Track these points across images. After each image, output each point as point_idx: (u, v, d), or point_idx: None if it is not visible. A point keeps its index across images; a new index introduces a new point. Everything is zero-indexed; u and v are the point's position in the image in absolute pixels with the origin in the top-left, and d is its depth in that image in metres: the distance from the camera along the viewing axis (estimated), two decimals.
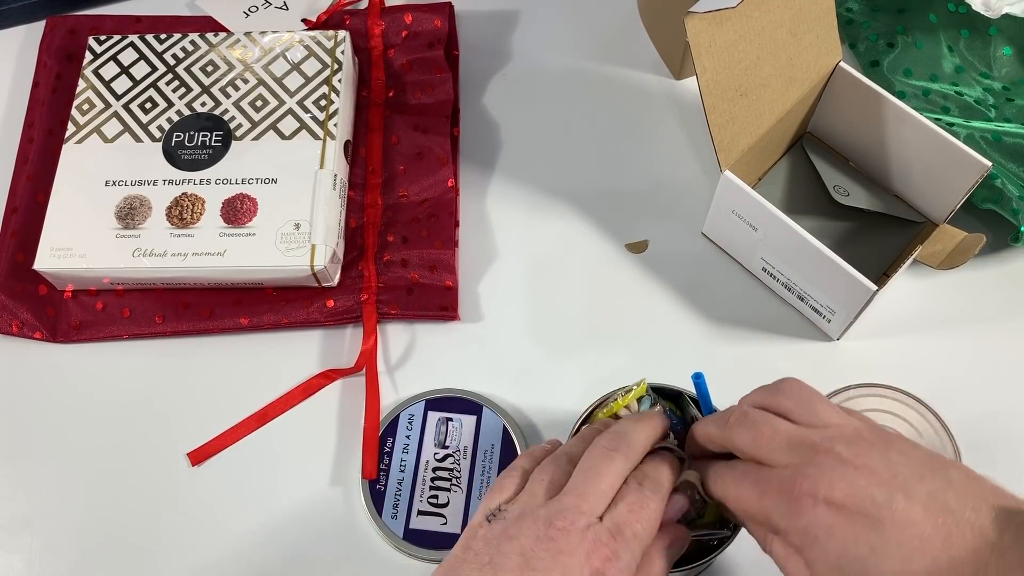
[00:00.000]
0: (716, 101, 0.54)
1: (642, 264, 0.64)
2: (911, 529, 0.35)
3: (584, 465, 0.43)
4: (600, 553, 0.39)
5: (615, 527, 0.40)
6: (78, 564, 0.55)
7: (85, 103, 0.66)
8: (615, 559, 0.39)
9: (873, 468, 0.37)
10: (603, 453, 0.43)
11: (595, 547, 0.39)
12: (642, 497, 0.42)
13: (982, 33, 0.68)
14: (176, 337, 0.62)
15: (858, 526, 0.36)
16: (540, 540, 0.39)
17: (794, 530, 0.38)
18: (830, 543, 0.36)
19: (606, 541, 0.40)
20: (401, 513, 0.55)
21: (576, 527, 0.40)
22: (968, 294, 0.62)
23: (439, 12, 0.71)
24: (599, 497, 0.41)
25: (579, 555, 0.39)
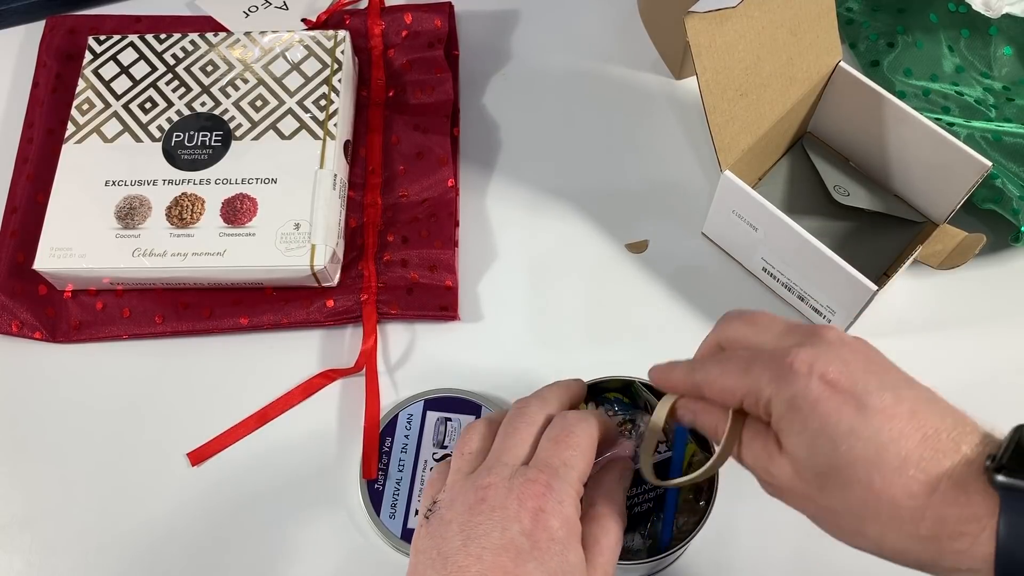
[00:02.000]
0: (716, 101, 0.54)
1: (642, 264, 0.64)
2: (892, 422, 0.35)
3: (502, 426, 0.42)
4: (531, 491, 0.38)
5: (542, 462, 0.40)
6: (78, 564, 0.55)
7: (85, 103, 0.66)
8: (549, 491, 0.38)
9: (869, 358, 0.38)
10: (516, 410, 0.43)
11: (525, 488, 0.38)
12: (566, 428, 0.41)
13: (982, 33, 0.68)
14: (176, 337, 0.62)
15: (844, 405, 0.36)
16: (472, 508, 0.39)
17: (779, 398, 0.37)
18: (812, 415, 0.36)
19: (534, 478, 0.39)
20: (399, 513, 0.55)
21: (500, 477, 0.39)
22: (968, 294, 0.62)
23: (439, 12, 0.71)
24: (519, 445, 0.41)
25: (512, 503, 0.38)
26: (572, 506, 0.39)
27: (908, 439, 0.35)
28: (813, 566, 0.55)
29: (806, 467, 0.37)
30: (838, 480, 0.36)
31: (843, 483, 0.36)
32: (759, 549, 0.55)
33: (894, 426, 0.35)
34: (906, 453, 0.35)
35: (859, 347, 0.38)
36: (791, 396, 0.37)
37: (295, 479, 0.57)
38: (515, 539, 0.37)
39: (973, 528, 0.33)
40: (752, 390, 0.38)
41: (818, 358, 0.37)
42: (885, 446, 0.35)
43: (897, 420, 0.35)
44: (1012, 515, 0.33)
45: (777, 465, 0.38)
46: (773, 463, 0.38)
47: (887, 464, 0.35)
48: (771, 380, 0.37)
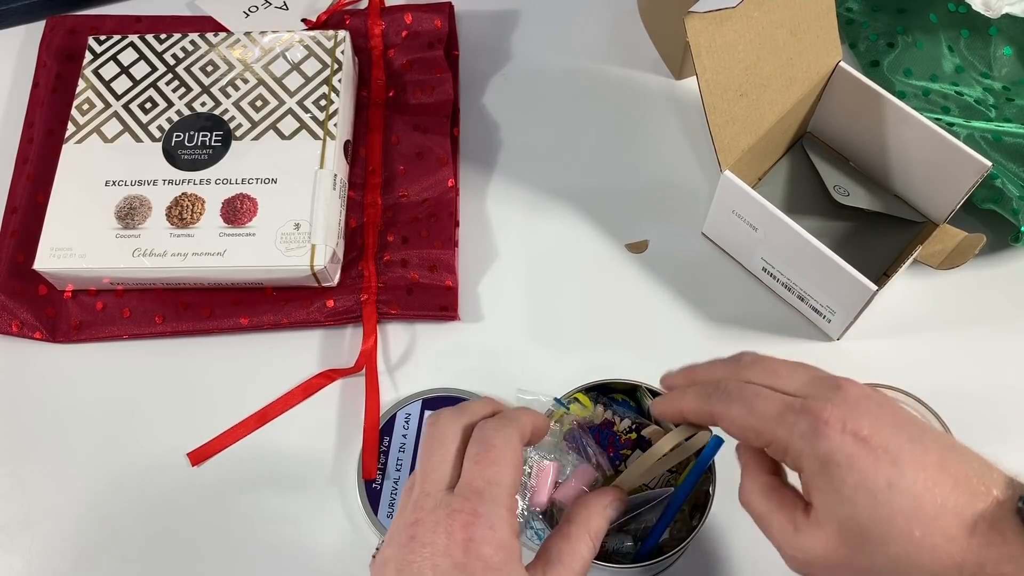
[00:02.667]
0: (716, 101, 0.54)
1: (642, 264, 0.64)
2: (925, 472, 0.36)
3: (420, 452, 0.41)
4: (458, 521, 0.37)
5: (465, 487, 0.38)
6: (78, 564, 0.55)
7: (85, 103, 0.66)
8: (476, 518, 0.37)
9: (894, 411, 0.38)
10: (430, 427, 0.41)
11: (451, 520, 0.37)
12: (483, 441, 0.39)
13: (982, 33, 0.68)
14: (176, 337, 0.62)
15: (880, 460, 0.36)
16: (404, 546, 0.37)
17: (813, 454, 0.37)
18: (850, 472, 0.36)
19: (459, 506, 0.37)
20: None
21: (425, 510, 0.37)
22: (968, 294, 0.62)
23: (439, 12, 0.71)
24: (437, 469, 0.39)
25: (440, 538, 0.36)
26: (506, 528, 0.37)
27: (942, 486, 0.35)
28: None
29: (844, 526, 0.37)
30: (878, 535, 0.36)
31: (883, 537, 0.36)
32: (757, 551, 0.55)
33: (928, 476, 0.36)
34: (942, 500, 0.35)
35: (882, 401, 0.38)
36: (827, 452, 0.37)
37: (295, 479, 0.57)
38: (447, 574, 0.36)
39: (1011, 568, 0.34)
40: (782, 440, 0.38)
41: (849, 414, 0.37)
42: (922, 496, 0.35)
43: (929, 470, 0.36)
44: None
45: (806, 535, 0.38)
46: (802, 534, 0.38)
47: (926, 513, 0.35)
48: (804, 435, 0.37)
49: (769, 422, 0.38)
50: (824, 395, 0.38)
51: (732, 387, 0.41)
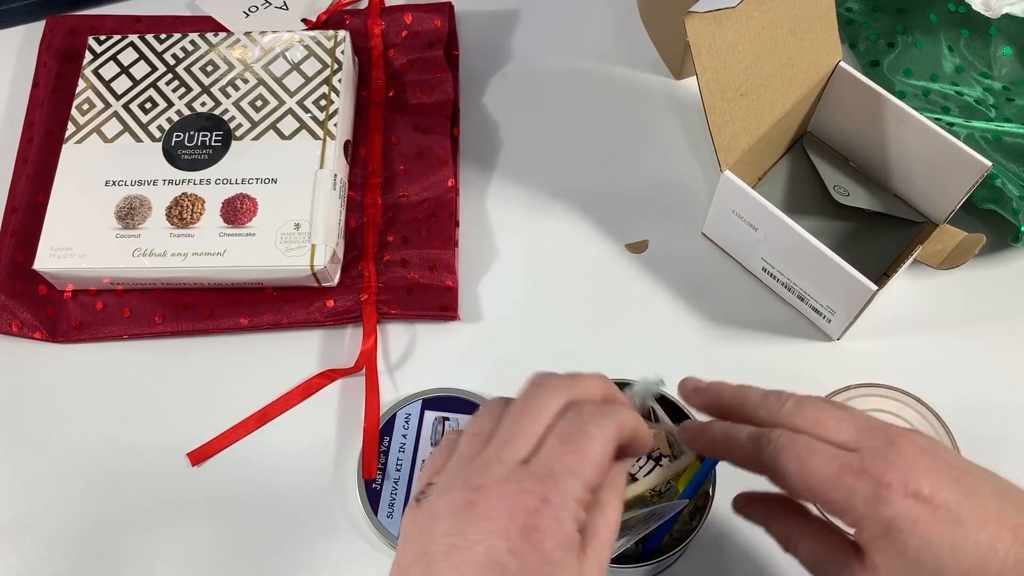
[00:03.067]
0: (716, 101, 0.54)
1: (642, 264, 0.64)
2: (987, 529, 0.35)
3: (512, 407, 0.37)
4: (525, 505, 0.33)
5: (541, 467, 0.34)
6: (78, 564, 0.55)
7: (85, 103, 0.66)
8: (545, 506, 0.33)
9: (948, 461, 0.37)
10: (530, 389, 0.37)
11: (518, 499, 0.33)
12: (578, 425, 0.36)
13: (982, 33, 0.68)
14: (176, 337, 0.62)
15: (943, 522, 0.35)
16: (460, 511, 0.34)
17: (876, 519, 0.36)
18: (914, 537, 0.36)
19: (531, 487, 0.34)
20: (397, 512, 0.55)
21: (495, 480, 0.34)
22: (968, 294, 0.62)
23: (439, 12, 0.71)
24: (521, 438, 0.35)
25: (501, 516, 0.33)
26: (572, 522, 0.34)
27: (1003, 541, 0.35)
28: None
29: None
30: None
31: None
32: (756, 549, 0.55)
33: (989, 532, 0.35)
34: (1003, 556, 0.35)
35: (936, 452, 0.38)
36: (890, 518, 0.36)
37: (295, 479, 0.57)
38: (500, 558, 0.33)
39: None
40: (841, 503, 0.37)
41: (909, 474, 0.36)
42: (986, 555, 0.35)
43: (991, 526, 0.35)
44: None
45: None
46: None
47: (989, 571, 0.35)
48: (866, 500, 0.36)
49: (826, 483, 0.37)
50: (879, 451, 0.37)
51: (784, 441, 0.38)
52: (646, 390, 0.44)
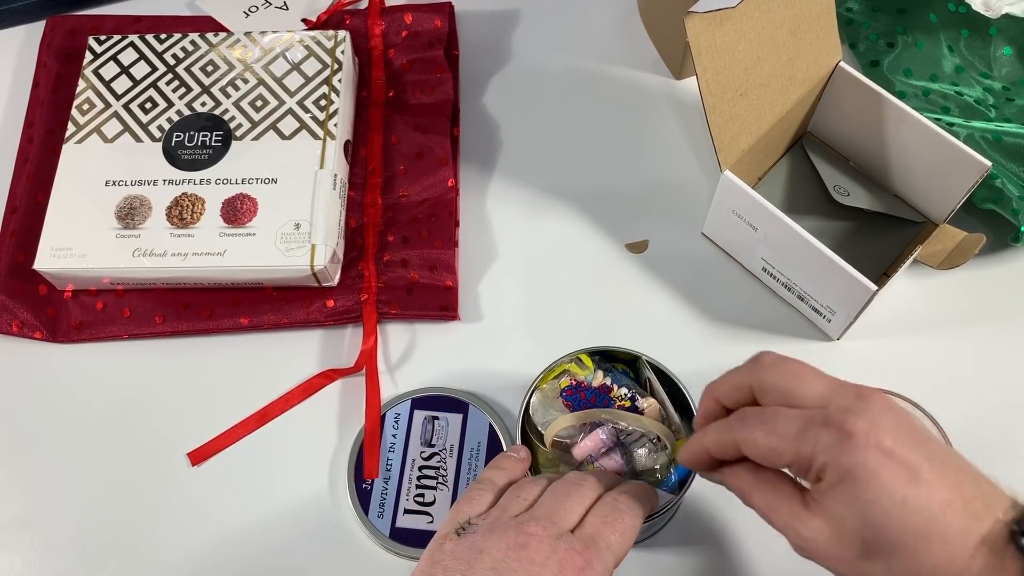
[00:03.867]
0: (716, 101, 0.54)
1: (642, 264, 0.64)
2: (939, 493, 0.36)
3: (554, 487, 0.44)
4: (573, 563, 0.39)
5: (588, 537, 0.40)
6: (78, 564, 0.55)
7: (85, 103, 0.66)
8: (589, 568, 0.39)
9: (913, 426, 0.38)
10: (575, 477, 0.44)
11: (567, 557, 0.39)
12: (616, 510, 0.42)
13: (982, 33, 0.68)
14: (176, 337, 0.62)
15: (899, 476, 0.36)
16: (511, 549, 0.39)
17: (836, 465, 0.37)
18: (868, 487, 0.36)
19: (580, 550, 0.40)
20: (387, 512, 0.55)
21: (548, 534, 0.40)
22: (968, 294, 0.62)
23: (439, 12, 0.71)
24: (570, 510, 0.42)
25: (551, 565, 0.39)
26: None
27: (952, 508, 0.36)
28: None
29: (851, 533, 0.37)
30: (884, 549, 0.36)
31: (889, 552, 0.36)
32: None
33: (942, 496, 0.36)
34: (951, 521, 0.35)
35: (902, 414, 0.38)
36: (850, 465, 0.36)
37: (295, 479, 0.57)
38: None
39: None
40: (805, 455, 0.38)
41: (874, 426, 0.37)
42: (935, 517, 0.35)
43: (944, 491, 0.36)
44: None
45: (811, 528, 0.38)
46: (806, 526, 0.38)
47: (935, 534, 0.35)
48: (828, 448, 0.37)
49: (792, 440, 0.38)
50: (848, 405, 0.38)
51: (750, 412, 0.41)
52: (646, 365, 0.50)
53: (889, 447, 0.36)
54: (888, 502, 0.36)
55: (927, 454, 0.37)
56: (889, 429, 0.37)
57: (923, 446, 0.37)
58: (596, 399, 0.50)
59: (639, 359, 0.52)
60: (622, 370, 0.52)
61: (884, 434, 0.37)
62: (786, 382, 0.40)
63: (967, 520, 0.35)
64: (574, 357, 0.51)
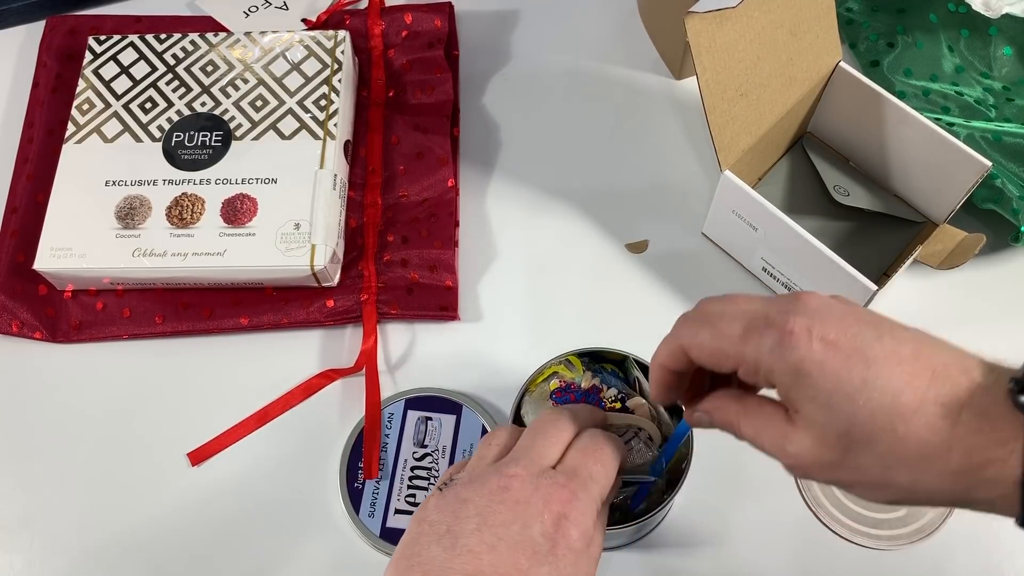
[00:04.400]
0: (716, 101, 0.54)
1: (642, 264, 0.64)
2: (901, 366, 0.35)
3: (531, 427, 0.43)
4: (558, 496, 0.38)
5: (570, 470, 0.40)
6: (78, 564, 0.55)
7: (85, 103, 0.66)
8: (575, 499, 0.38)
9: (859, 313, 0.37)
10: (547, 417, 0.43)
11: (552, 491, 0.38)
12: (595, 442, 0.41)
13: (982, 33, 0.68)
14: (176, 337, 0.62)
15: (851, 361, 0.35)
16: (494, 493, 0.38)
17: (784, 367, 0.36)
18: (823, 378, 0.36)
19: (563, 483, 0.39)
20: (378, 512, 0.55)
21: (529, 473, 0.39)
22: (968, 294, 0.62)
23: (439, 12, 0.71)
24: (548, 447, 0.41)
25: (536, 503, 0.38)
26: (592, 520, 0.39)
27: (920, 378, 0.35)
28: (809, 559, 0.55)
29: (827, 431, 0.36)
30: (862, 435, 0.35)
31: (867, 437, 0.35)
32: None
33: (904, 369, 0.35)
34: (922, 392, 0.35)
35: (845, 307, 0.38)
36: (797, 362, 0.36)
37: (294, 479, 0.57)
38: (535, 538, 0.37)
39: (1002, 453, 0.33)
40: (750, 359, 0.37)
41: (814, 321, 0.36)
42: (901, 390, 0.35)
43: (905, 363, 0.35)
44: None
45: (795, 442, 0.37)
46: (791, 441, 0.38)
47: (906, 407, 0.34)
48: (772, 349, 0.37)
49: (736, 343, 0.38)
50: (785, 307, 0.37)
51: (692, 313, 0.41)
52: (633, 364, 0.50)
53: (833, 338, 0.36)
54: (848, 387, 0.35)
55: (877, 332, 0.36)
56: (831, 320, 0.36)
57: (872, 327, 0.36)
58: (586, 401, 0.50)
59: (627, 359, 0.52)
60: (611, 370, 0.52)
61: (826, 326, 0.36)
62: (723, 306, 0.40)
63: (941, 387, 0.35)
64: (563, 359, 0.51)
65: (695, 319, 0.40)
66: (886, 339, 0.36)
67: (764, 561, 0.40)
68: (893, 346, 0.36)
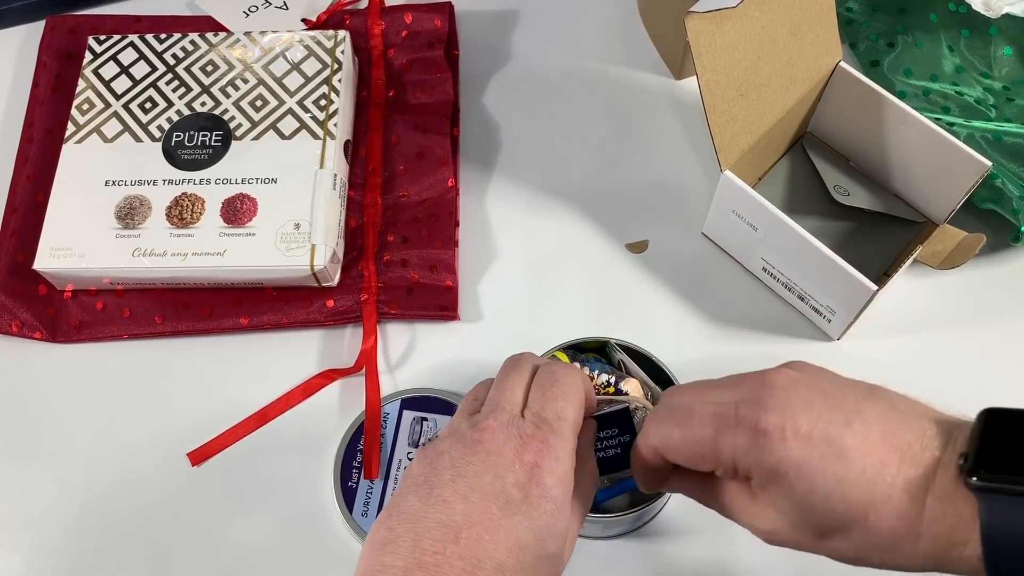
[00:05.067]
0: (716, 101, 0.54)
1: (642, 264, 0.64)
2: (872, 455, 0.35)
3: (496, 377, 0.43)
4: (530, 446, 0.38)
5: (536, 416, 0.40)
6: (78, 564, 0.55)
7: (85, 103, 0.66)
8: (546, 447, 0.38)
9: (823, 388, 0.37)
10: (508, 362, 0.44)
11: (523, 442, 0.39)
12: (551, 376, 0.41)
13: (982, 33, 0.68)
14: (176, 337, 0.62)
15: (826, 458, 0.35)
16: (468, 446, 0.39)
17: (760, 467, 0.37)
18: (799, 480, 0.36)
19: (531, 432, 0.39)
20: (372, 511, 0.55)
21: (499, 422, 0.39)
22: (968, 294, 0.62)
23: (439, 12, 0.71)
24: (512, 390, 0.41)
25: (507, 452, 0.38)
26: (567, 463, 0.39)
27: (889, 465, 0.35)
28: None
29: (802, 523, 0.37)
30: (836, 527, 0.36)
31: (842, 529, 0.36)
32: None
33: (875, 458, 0.35)
34: (892, 480, 0.35)
35: (811, 381, 0.38)
36: (774, 464, 0.36)
37: (294, 479, 0.57)
38: (507, 488, 0.37)
39: (965, 535, 0.34)
40: (726, 460, 0.38)
41: (784, 414, 0.36)
42: (873, 482, 0.35)
43: (875, 451, 0.35)
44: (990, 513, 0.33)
45: (766, 520, 0.38)
46: (760, 519, 0.39)
47: (879, 498, 0.35)
48: (746, 450, 0.37)
49: (709, 444, 0.38)
50: (754, 397, 0.37)
51: (661, 411, 0.41)
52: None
53: (806, 431, 0.36)
54: (823, 487, 0.35)
55: (846, 418, 0.36)
56: (800, 408, 0.36)
57: (841, 410, 0.36)
58: None
59: (607, 344, 0.52)
60: (594, 358, 0.53)
61: (798, 418, 0.36)
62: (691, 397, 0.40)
63: (907, 471, 0.35)
64: (549, 357, 0.52)
65: (664, 418, 0.40)
66: (855, 425, 0.36)
67: (764, 549, 0.40)
68: (864, 430, 0.36)
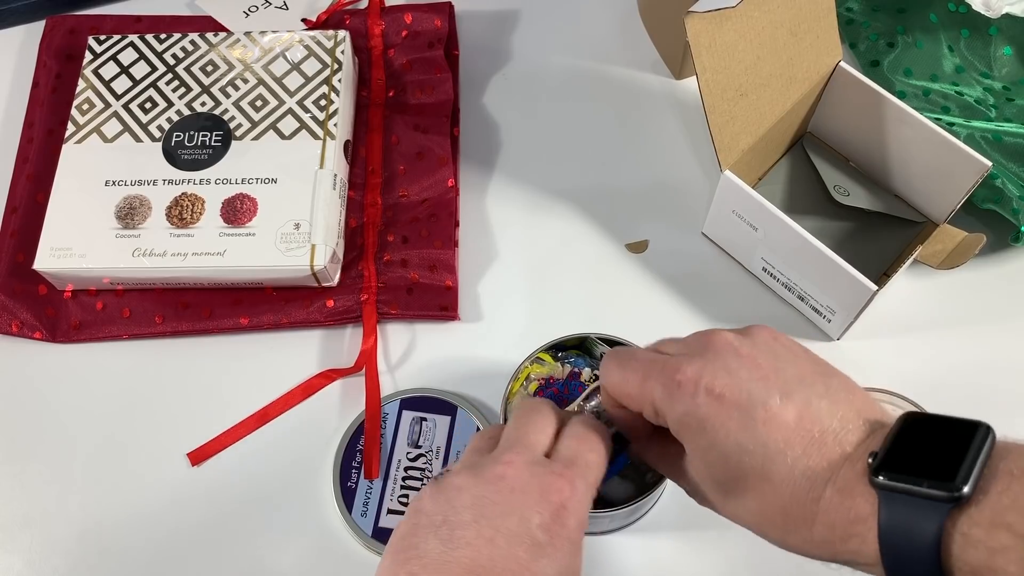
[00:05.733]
0: (716, 101, 0.54)
1: (642, 264, 0.64)
2: (778, 432, 0.35)
3: (516, 416, 0.42)
4: (557, 487, 0.37)
5: (566, 459, 0.39)
6: (78, 564, 0.55)
7: (85, 103, 0.66)
8: (574, 489, 0.38)
9: (758, 361, 0.37)
10: (528, 406, 0.43)
11: (551, 481, 0.37)
12: (587, 430, 0.41)
13: (982, 33, 0.68)
14: (176, 337, 0.62)
15: (731, 420, 0.36)
16: (490, 482, 0.37)
17: (671, 415, 0.37)
18: (701, 433, 0.36)
19: (560, 472, 0.38)
20: (371, 511, 0.55)
21: (523, 460, 0.38)
22: (968, 294, 0.62)
23: (439, 12, 0.71)
24: (540, 432, 0.40)
25: (533, 492, 0.37)
26: (587, 509, 0.39)
27: (794, 447, 0.35)
28: None
29: (707, 477, 0.37)
30: (734, 491, 0.36)
31: (739, 494, 0.36)
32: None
33: (780, 435, 0.35)
34: (792, 462, 0.35)
35: (747, 350, 0.37)
36: (681, 414, 0.37)
37: (294, 479, 0.57)
38: (532, 531, 0.36)
39: (861, 529, 0.33)
40: (647, 404, 0.38)
41: (704, 371, 0.36)
42: (772, 457, 0.35)
43: (783, 428, 0.35)
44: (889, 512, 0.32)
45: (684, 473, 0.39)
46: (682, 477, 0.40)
47: (776, 475, 0.35)
48: (662, 397, 0.37)
49: (636, 386, 0.39)
50: (690, 351, 0.38)
51: (610, 354, 0.41)
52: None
53: (719, 391, 0.36)
54: (724, 446, 0.36)
55: (766, 390, 0.36)
56: (722, 371, 0.36)
57: (764, 382, 0.36)
58: (569, 389, 0.51)
59: (587, 339, 0.52)
60: (576, 355, 0.53)
61: (717, 378, 0.36)
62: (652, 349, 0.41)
63: (812, 458, 0.34)
64: (533, 358, 0.52)
65: (612, 359, 0.41)
66: (773, 398, 0.36)
67: (762, 542, 0.40)
68: (778, 407, 0.35)
